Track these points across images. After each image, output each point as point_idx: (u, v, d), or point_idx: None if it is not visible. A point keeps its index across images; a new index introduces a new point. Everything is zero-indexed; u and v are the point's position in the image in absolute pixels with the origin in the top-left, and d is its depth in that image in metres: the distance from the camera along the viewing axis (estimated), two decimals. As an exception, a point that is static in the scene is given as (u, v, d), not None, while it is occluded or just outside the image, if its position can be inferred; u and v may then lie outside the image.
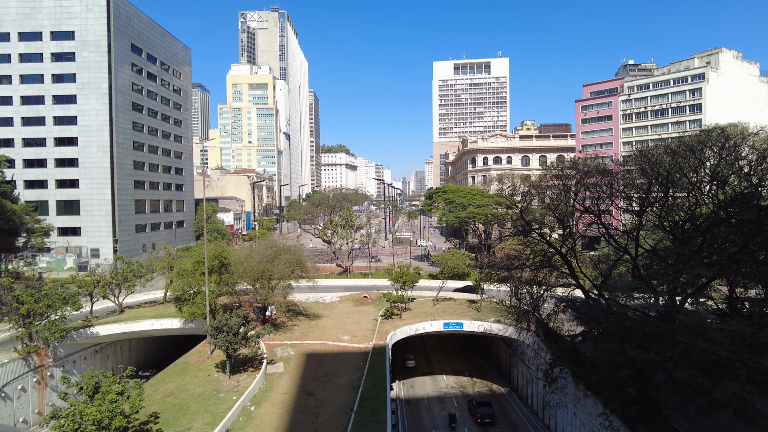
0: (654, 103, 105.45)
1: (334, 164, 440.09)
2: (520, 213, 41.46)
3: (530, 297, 40.46)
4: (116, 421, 26.32)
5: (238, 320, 37.54)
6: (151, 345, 60.05)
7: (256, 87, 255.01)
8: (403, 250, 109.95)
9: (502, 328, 48.81)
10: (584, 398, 34.14)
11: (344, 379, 37.85)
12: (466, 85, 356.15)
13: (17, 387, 40.28)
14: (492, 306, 53.84)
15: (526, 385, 49.54)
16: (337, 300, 61.50)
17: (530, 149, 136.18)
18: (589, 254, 53.23)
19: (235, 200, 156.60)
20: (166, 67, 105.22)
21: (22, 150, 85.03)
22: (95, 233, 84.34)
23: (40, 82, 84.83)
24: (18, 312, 39.96)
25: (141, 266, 55.03)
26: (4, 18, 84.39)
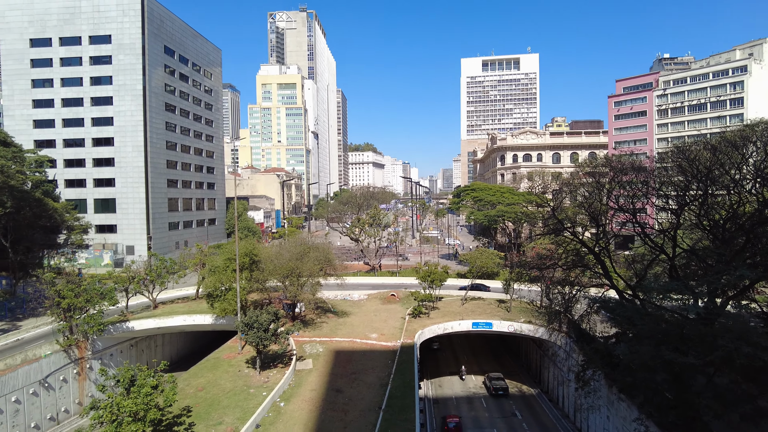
0: (692, 98, 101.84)
1: (361, 163, 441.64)
2: (551, 211, 40.62)
3: (562, 297, 39.61)
4: (151, 413, 27.01)
5: (268, 317, 38.01)
6: (184, 340, 61.48)
7: (284, 87, 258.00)
8: (431, 248, 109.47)
9: (532, 328, 48.01)
10: (618, 402, 33.23)
11: (372, 377, 37.89)
12: (495, 82, 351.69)
13: (59, 378, 41.88)
14: (522, 306, 53.03)
15: (557, 386, 48.62)
16: (365, 298, 61.65)
17: (561, 146, 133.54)
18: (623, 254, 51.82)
19: (265, 199, 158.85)
20: (197, 68, 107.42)
21: (63, 150, 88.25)
22: (130, 231, 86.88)
23: (79, 84, 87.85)
24: (59, 306, 41.51)
25: (174, 263, 56.34)
26: (47, 24, 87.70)
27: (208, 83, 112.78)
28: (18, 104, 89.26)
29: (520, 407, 47.59)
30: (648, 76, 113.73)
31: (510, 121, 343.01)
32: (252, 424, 30.68)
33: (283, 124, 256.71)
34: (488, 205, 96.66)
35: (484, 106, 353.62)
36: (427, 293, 54.44)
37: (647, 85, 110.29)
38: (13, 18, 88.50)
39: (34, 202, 57.86)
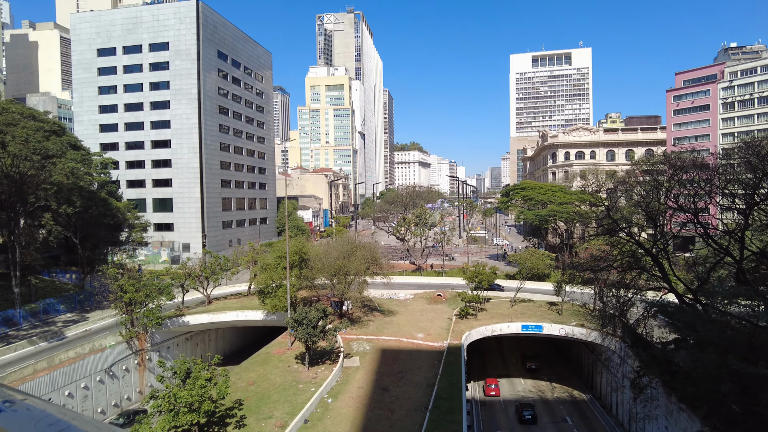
0: (763, 89, 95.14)
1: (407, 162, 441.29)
2: (606, 211, 39.11)
3: (616, 300, 38.09)
4: (205, 405, 28.12)
5: (317, 314, 38.69)
6: (236, 335, 63.56)
7: (332, 88, 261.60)
8: (478, 248, 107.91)
9: (584, 332, 46.44)
10: (678, 412, 31.57)
11: (419, 377, 37.81)
12: (546, 78, 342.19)
13: (122, 367, 44.36)
14: (574, 309, 51.37)
15: (610, 393, 46.78)
16: (411, 297, 61.59)
17: (616, 143, 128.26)
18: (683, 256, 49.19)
19: (314, 198, 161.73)
20: (249, 72, 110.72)
21: (125, 152, 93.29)
22: (186, 229, 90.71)
23: (139, 90, 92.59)
24: (122, 300, 43.94)
25: (227, 260, 58.34)
26: (112, 34, 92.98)
27: (259, 86, 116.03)
28: (86, 110, 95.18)
29: (570, 412, 46.16)
30: (712, 67, 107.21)
31: (561, 117, 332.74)
32: (300, 419, 31.32)
33: (331, 124, 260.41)
34: (539, 204, 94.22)
35: (534, 103, 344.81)
36: (474, 294, 53.73)
37: (711, 77, 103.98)
38: (83, 30, 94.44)
39: (99, 201, 61.48)
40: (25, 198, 47.84)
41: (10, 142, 45.43)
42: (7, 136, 45.73)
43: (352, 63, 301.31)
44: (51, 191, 49.15)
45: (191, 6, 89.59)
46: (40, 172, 47.32)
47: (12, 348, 40.97)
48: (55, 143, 54.16)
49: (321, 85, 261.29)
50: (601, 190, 42.70)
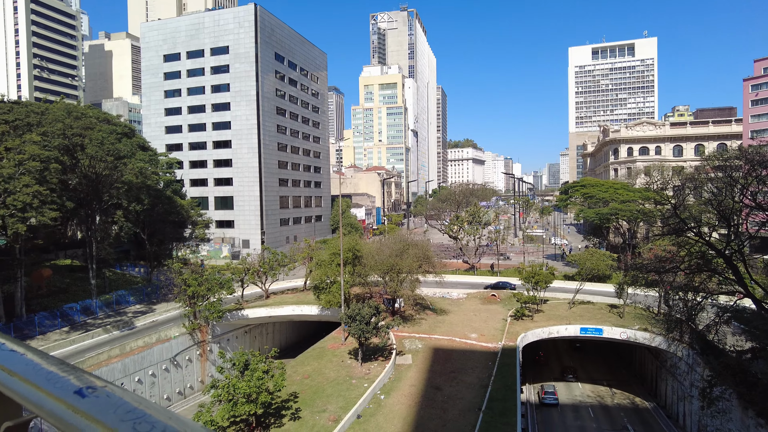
0: None
1: (460, 159, 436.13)
2: (673, 209, 36.90)
3: (684, 304, 35.90)
4: (262, 396, 29.05)
5: (370, 310, 39.02)
6: (292, 329, 65.28)
7: (385, 87, 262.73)
8: (535, 248, 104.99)
9: (648, 337, 44.10)
10: (756, 428, 29.32)
11: (472, 377, 37.31)
12: (607, 70, 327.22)
13: (185, 357, 46.70)
14: (636, 312, 48.89)
15: (677, 402, 44.16)
16: (464, 297, 60.84)
17: (683, 137, 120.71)
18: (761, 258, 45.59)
19: (367, 196, 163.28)
20: (305, 73, 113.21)
21: (189, 153, 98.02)
22: (246, 226, 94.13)
23: (201, 93, 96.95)
24: (185, 293, 46.22)
25: (285, 256, 60.00)
26: (177, 41, 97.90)
27: (314, 87, 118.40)
28: (153, 113, 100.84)
29: (632, 421, 43.99)
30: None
31: (623, 111, 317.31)
32: (353, 414, 31.73)
33: (384, 123, 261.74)
34: (600, 202, 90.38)
35: (594, 97, 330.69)
36: (530, 295, 52.33)
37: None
38: (151, 38, 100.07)
39: (165, 199, 64.91)
40: (100, 196, 51.34)
41: (87, 144, 48.90)
42: (85, 139, 49.23)
43: (405, 61, 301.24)
44: (122, 190, 52.40)
45: (249, 10, 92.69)
46: (113, 172, 50.64)
47: (90, 335, 44.15)
48: (126, 145, 57.72)
49: (374, 84, 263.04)
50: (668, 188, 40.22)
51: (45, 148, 42.46)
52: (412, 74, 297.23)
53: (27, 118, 47.96)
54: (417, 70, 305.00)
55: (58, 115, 51.53)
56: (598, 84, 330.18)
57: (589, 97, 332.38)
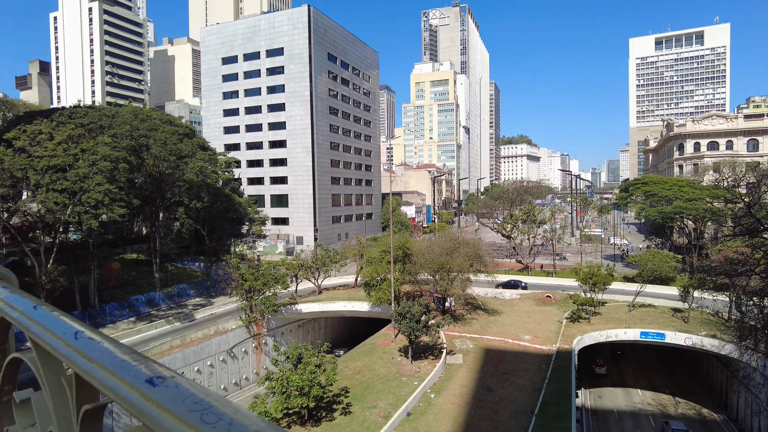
0: None
1: (514, 156, 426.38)
2: (747, 208, 34.39)
3: (759, 310, 33.42)
4: (314, 390, 29.67)
5: (420, 308, 38.96)
6: (343, 324, 66.25)
7: (437, 84, 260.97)
8: (593, 248, 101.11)
9: (716, 344, 41.41)
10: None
11: (525, 380, 36.47)
12: (671, 61, 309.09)
13: (242, 350, 48.47)
14: (703, 317, 46.04)
15: (750, 415, 41.22)
16: (517, 297, 59.51)
17: (760, 131, 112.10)
18: None
19: (417, 194, 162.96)
20: (357, 72, 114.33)
21: (246, 152, 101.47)
22: (300, 223, 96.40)
23: (258, 94, 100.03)
24: (242, 287, 47.97)
25: (336, 253, 61.01)
26: (234, 44, 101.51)
27: (366, 86, 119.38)
28: (213, 114, 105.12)
29: (700, 433, 41.50)
30: None
31: (690, 104, 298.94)
32: (403, 411, 31.80)
33: (435, 120, 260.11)
34: (663, 200, 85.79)
35: (658, 90, 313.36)
36: (587, 296, 50.45)
37: None
38: (210, 42, 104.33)
39: (224, 197, 67.51)
40: (164, 194, 54.13)
41: (152, 145, 51.68)
42: (150, 140, 52.06)
43: (457, 57, 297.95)
44: (184, 188, 54.98)
45: (303, 12, 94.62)
46: (175, 171, 53.26)
47: (153, 326, 46.73)
48: (187, 145, 60.45)
49: (425, 81, 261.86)
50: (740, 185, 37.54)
51: (115, 149, 45.26)
52: (464, 70, 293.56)
53: (99, 122, 51.32)
54: (469, 66, 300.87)
55: (126, 118, 54.76)
56: (662, 76, 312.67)
57: (652, 90, 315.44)
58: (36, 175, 40.76)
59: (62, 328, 1.47)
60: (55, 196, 40.56)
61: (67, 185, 40.79)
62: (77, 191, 41.45)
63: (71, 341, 1.37)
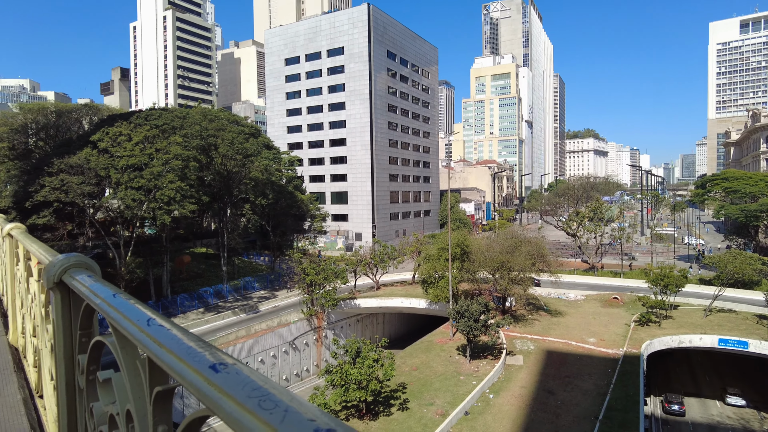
0: None
1: (580, 151, 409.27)
2: None
3: None
4: (372, 384, 30.06)
5: (479, 307, 38.43)
6: (401, 320, 66.57)
7: (498, 77, 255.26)
8: (665, 248, 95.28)
9: (809, 354, 37.91)
10: None
11: (589, 384, 35.08)
12: (759, 45, 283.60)
13: (303, 342, 49.94)
14: (794, 324, 42.24)
15: None
16: (582, 298, 57.24)
17: None
18: None
19: (476, 191, 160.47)
20: (416, 69, 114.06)
21: (308, 151, 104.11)
22: (359, 220, 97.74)
23: (319, 93, 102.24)
24: (304, 281, 49.39)
25: (394, 249, 61.38)
26: (296, 45, 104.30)
27: (425, 82, 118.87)
28: (276, 114, 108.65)
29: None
30: None
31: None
32: (461, 410, 31.55)
33: (496, 115, 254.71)
34: (746, 197, 79.42)
35: (742, 77, 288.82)
36: (658, 299, 47.67)
37: None
38: (273, 43, 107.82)
39: (287, 194, 69.64)
40: (231, 191, 56.66)
41: (220, 144, 54.21)
42: (218, 139, 54.63)
43: (519, 50, 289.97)
44: (250, 185, 57.26)
45: (363, 10, 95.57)
46: (241, 169, 55.59)
47: (221, 316, 49.13)
48: (253, 144, 62.87)
49: (486, 75, 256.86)
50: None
51: (186, 149, 47.92)
52: (526, 63, 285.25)
53: (172, 123, 54.45)
54: (532, 58, 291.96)
55: (196, 119, 57.74)
56: (747, 62, 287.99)
57: (735, 78, 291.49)
58: (117, 173, 43.98)
59: (137, 315, 1.61)
60: (133, 193, 43.59)
61: (143, 183, 43.71)
62: (152, 188, 44.29)
63: (144, 327, 1.49)
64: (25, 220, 41.50)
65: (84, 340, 2.47)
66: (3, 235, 6.81)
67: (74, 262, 2.56)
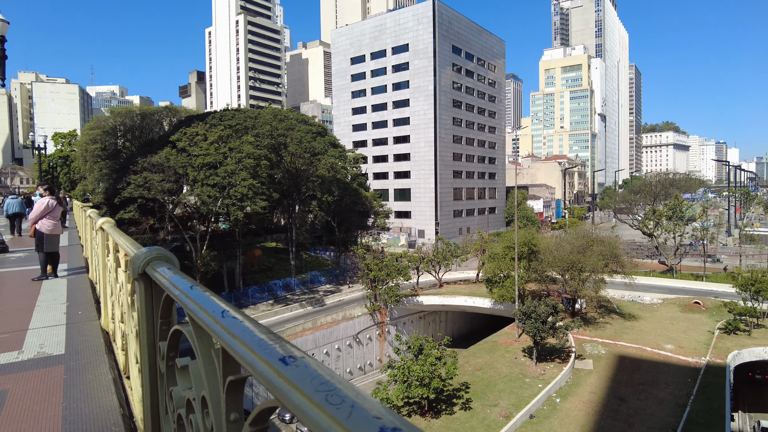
0: None
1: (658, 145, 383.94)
2: None
3: None
4: (434, 382, 29.98)
5: (547, 309, 37.22)
6: (463, 319, 65.77)
7: (569, 69, 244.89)
8: (757, 250, 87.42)
9: None
10: None
11: (665, 393, 32.95)
12: None
13: (366, 336, 50.69)
14: None
15: None
16: (659, 302, 53.80)
17: None
18: None
19: (545, 187, 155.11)
20: (482, 63, 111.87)
21: (372, 149, 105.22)
22: (422, 217, 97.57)
23: (383, 91, 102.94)
24: (368, 277, 50.09)
25: (457, 247, 60.72)
26: (362, 44, 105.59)
27: (491, 76, 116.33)
28: (342, 113, 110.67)
29: None
30: None
31: None
32: (526, 413, 30.74)
33: (566, 108, 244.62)
34: None
35: None
36: (747, 306, 43.85)
37: None
38: (339, 43, 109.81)
39: (352, 191, 70.79)
40: (299, 188, 58.48)
41: (289, 143, 56.07)
42: (287, 138, 56.52)
43: (591, 40, 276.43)
44: (317, 183, 58.77)
45: (428, 6, 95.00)
46: (309, 167, 57.18)
47: (289, 309, 50.89)
48: (320, 143, 64.42)
49: (556, 67, 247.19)
50: None
51: (257, 148, 49.99)
52: (599, 54, 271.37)
53: (244, 123, 56.98)
54: (605, 48, 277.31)
55: (267, 119, 60.01)
56: None
57: None
58: (194, 171, 46.71)
59: (212, 306, 1.70)
60: (208, 190, 46.14)
61: (217, 180, 46.14)
62: (226, 186, 46.63)
63: (219, 319, 1.56)
64: (114, 215, 45.06)
65: (164, 328, 2.66)
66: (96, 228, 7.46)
67: (156, 255, 2.75)
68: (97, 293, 8.73)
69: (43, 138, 46.64)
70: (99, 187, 60.49)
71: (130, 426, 4.00)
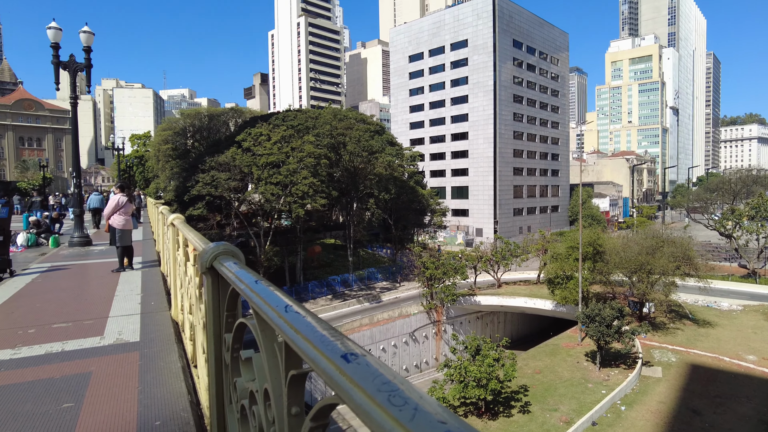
0: None
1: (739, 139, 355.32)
2: None
3: None
4: (492, 383, 29.44)
5: (612, 312, 35.56)
6: (523, 321, 64.06)
7: (637, 61, 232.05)
8: None
9: None
10: None
11: (747, 408, 30.55)
12: None
13: (422, 334, 50.62)
14: None
15: None
16: (739, 309, 49.92)
17: None
18: None
19: (612, 185, 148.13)
20: (544, 56, 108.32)
21: (429, 146, 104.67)
22: (480, 215, 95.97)
23: (441, 88, 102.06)
24: (424, 275, 49.98)
25: (517, 246, 59.24)
26: (420, 41, 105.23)
27: (554, 70, 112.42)
28: (400, 111, 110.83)
29: None
30: None
31: None
32: (588, 420, 29.54)
33: (634, 102, 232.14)
34: None
35: None
36: (843, 314, 39.82)
37: None
38: (398, 41, 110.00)
39: (409, 189, 70.82)
40: (357, 187, 59.25)
41: (348, 142, 56.92)
42: (346, 137, 57.41)
43: (663, 29, 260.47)
44: (374, 181, 59.31)
45: (488, 1, 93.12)
46: (367, 165, 57.80)
47: (346, 304, 51.75)
48: (377, 141, 64.93)
49: (623, 59, 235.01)
50: None
51: (317, 147, 51.15)
52: (672, 43, 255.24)
53: (305, 123, 58.50)
54: (679, 37, 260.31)
55: (327, 119, 61.23)
56: None
57: None
58: (258, 170, 48.51)
59: (276, 301, 1.74)
60: (272, 188, 47.78)
61: (280, 179, 47.68)
62: (288, 184, 48.08)
63: (282, 313, 1.60)
64: (184, 211, 47.70)
65: (230, 320, 2.76)
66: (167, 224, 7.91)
67: (222, 250, 2.87)
68: (168, 285, 9.28)
69: (121, 139, 50.18)
70: (170, 185, 64.20)
71: (198, 413, 4.22)
